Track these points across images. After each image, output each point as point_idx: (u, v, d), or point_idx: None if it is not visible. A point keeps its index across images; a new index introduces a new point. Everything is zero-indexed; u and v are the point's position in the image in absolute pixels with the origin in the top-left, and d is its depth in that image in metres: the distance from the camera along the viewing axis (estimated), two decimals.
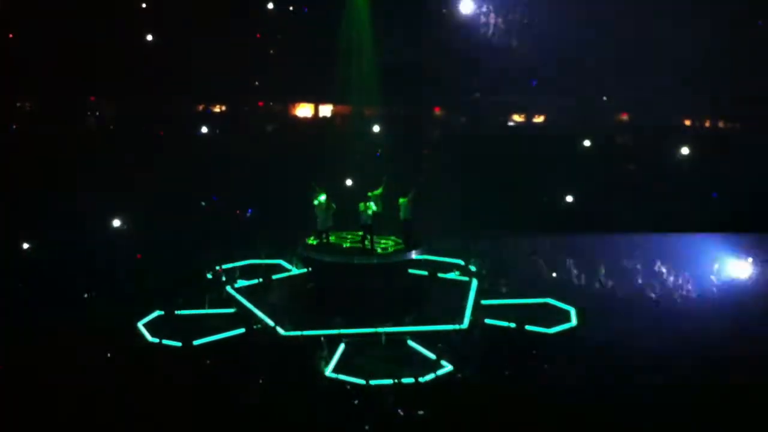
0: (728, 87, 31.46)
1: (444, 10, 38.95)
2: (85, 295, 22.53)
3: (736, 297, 23.44)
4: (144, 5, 37.34)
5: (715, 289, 24.17)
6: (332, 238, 23.91)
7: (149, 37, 36.78)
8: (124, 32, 34.99)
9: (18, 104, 35.02)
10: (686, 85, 30.94)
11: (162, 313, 21.86)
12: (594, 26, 33.80)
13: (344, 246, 23.74)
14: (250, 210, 29.55)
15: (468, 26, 36.89)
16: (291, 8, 39.38)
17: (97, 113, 35.51)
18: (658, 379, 17.93)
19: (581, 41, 33.63)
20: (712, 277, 24.79)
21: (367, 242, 23.00)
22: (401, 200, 23.23)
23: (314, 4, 38.72)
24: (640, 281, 24.79)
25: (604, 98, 34.67)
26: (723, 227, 27.20)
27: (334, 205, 23.37)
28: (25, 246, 25.63)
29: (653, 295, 23.69)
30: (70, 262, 24.70)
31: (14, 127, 33.44)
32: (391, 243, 23.92)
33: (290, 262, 26.00)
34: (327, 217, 23.25)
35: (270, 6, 38.94)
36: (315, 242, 23.52)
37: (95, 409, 16.36)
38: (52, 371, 17.65)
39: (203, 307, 22.55)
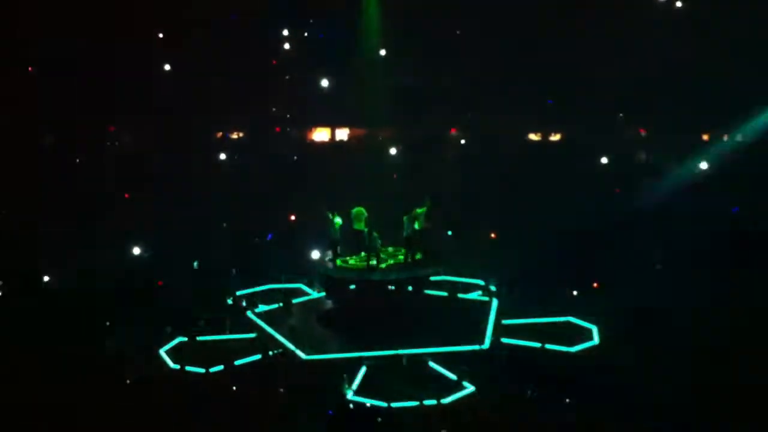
0: None
1: (458, 32, 39.29)
2: (107, 323, 22.59)
3: None
4: (161, 35, 37.94)
5: None
6: (352, 260, 23.95)
7: (167, 67, 37.30)
8: (143, 61, 35.50)
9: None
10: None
11: (184, 339, 21.94)
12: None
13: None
14: (270, 235, 29.62)
15: (482, 45, 37.12)
16: (306, 34, 39.90)
17: (116, 143, 35.87)
18: None
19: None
20: None
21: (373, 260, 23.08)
22: (419, 210, 23.28)
23: (329, 28, 39.15)
24: None
25: (620, 115, 34.60)
26: None
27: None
28: (46, 278, 25.72)
29: None
30: (92, 291, 24.77)
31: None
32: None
33: (311, 286, 26.04)
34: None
35: (285, 32, 39.43)
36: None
37: None
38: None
39: (224, 333, 22.62)
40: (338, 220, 23.52)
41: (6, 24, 32.05)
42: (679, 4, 34.00)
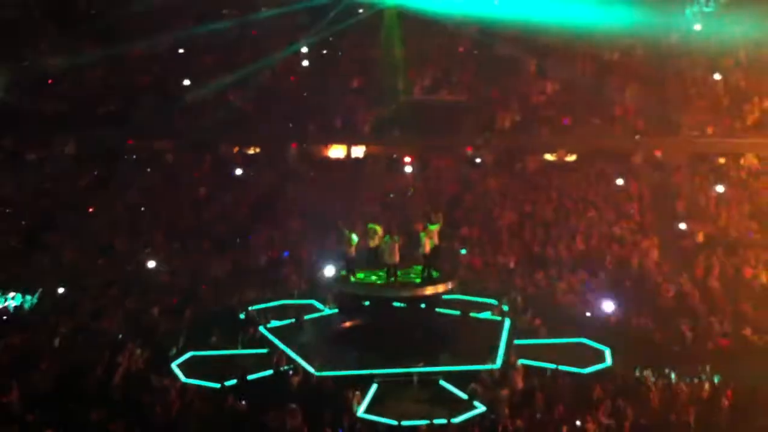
0: None
1: (475, 51, 39.57)
2: (120, 336, 22.69)
3: None
4: (181, 51, 38.47)
5: None
6: (366, 277, 23.94)
7: (186, 82, 37.77)
8: (161, 77, 35.98)
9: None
10: None
11: (195, 353, 22.03)
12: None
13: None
14: (286, 253, 29.71)
15: (498, 64, 37.38)
16: (324, 52, 40.33)
17: (134, 156, 36.24)
18: None
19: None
20: None
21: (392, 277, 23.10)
22: (431, 227, 23.25)
23: (347, 45, 39.56)
24: None
25: (637, 137, 34.60)
26: None
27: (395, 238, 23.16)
28: (60, 290, 25.89)
29: None
30: (105, 304, 24.91)
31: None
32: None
33: (324, 302, 26.07)
34: (391, 252, 23.01)
35: (304, 50, 39.88)
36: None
37: None
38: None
39: (236, 347, 22.69)
40: (354, 237, 23.54)
41: None
42: None
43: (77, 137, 35.49)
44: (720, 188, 31.41)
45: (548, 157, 35.84)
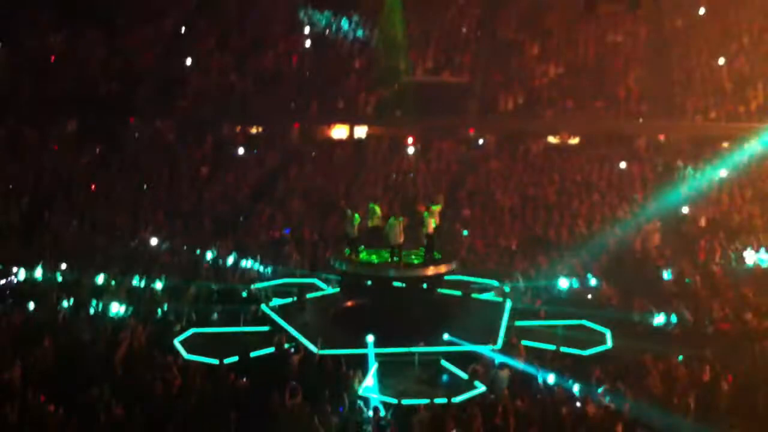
0: None
1: (478, 33, 39.42)
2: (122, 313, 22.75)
3: None
4: (183, 29, 38.32)
5: None
6: (368, 257, 23.93)
7: (188, 61, 37.66)
8: (164, 56, 35.88)
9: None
10: None
11: (198, 330, 22.09)
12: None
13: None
14: (287, 230, 29.72)
15: (504, 48, 37.24)
16: (326, 32, 40.19)
17: (137, 134, 36.21)
18: None
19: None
20: None
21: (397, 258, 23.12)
22: (434, 207, 23.26)
23: (350, 26, 39.42)
24: None
25: (640, 120, 34.56)
26: None
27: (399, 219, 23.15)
28: (63, 266, 25.90)
29: None
30: (107, 280, 24.96)
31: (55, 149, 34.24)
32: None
33: (325, 281, 26.11)
34: (395, 233, 22.99)
35: (307, 30, 39.73)
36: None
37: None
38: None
39: (238, 325, 22.75)
40: (357, 216, 23.55)
41: None
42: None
43: (78, 118, 35.43)
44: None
45: (551, 139, 35.80)
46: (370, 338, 20.33)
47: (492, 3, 40.10)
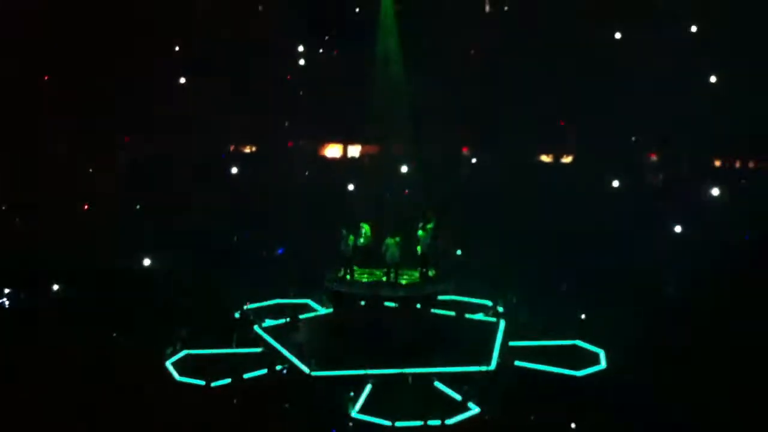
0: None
1: (472, 51, 39.40)
2: (114, 335, 22.64)
3: None
4: (177, 48, 38.22)
5: None
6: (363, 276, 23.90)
7: (182, 80, 37.55)
8: (157, 74, 35.78)
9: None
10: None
11: (190, 352, 21.98)
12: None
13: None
14: (281, 249, 29.68)
15: (498, 64, 37.20)
16: (321, 51, 40.10)
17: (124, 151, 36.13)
18: None
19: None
20: None
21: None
22: (429, 225, 23.29)
23: (344, 45, 39.35)
24: None
25: (633, 138, 34.60)
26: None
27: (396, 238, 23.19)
28: (55, 287, 25.82)
29: None
30: (101, 300, 24.84)
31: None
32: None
33: (319, 302, 26.03)
34: (392, 251, 23.06)
35: (300, 48, 39.63)
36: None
37: None
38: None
39: (230, 346, 22.64)
40: (351, 237, 23.61)
41: None
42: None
43: (71, 132, 35.28)
44: None
45: (544, 158, 35.87)
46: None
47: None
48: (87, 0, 33.80)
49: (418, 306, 23.52)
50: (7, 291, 25.55)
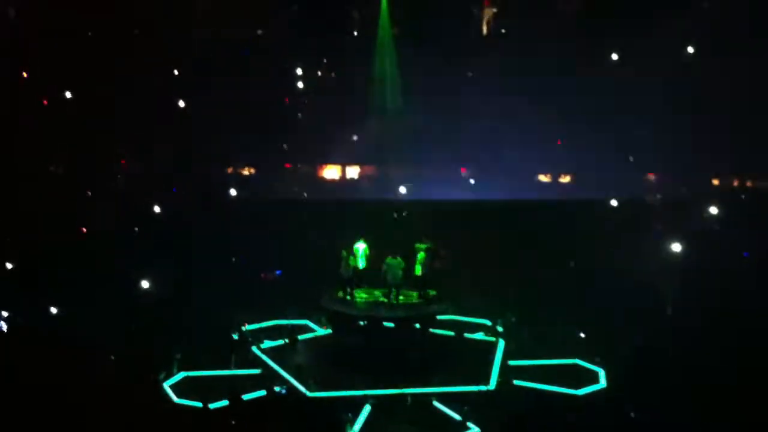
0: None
1: (469, 74, 39.60)
2: (111, 357, 22.55)
3: None
4: (176, 72, 38.41)
5: None
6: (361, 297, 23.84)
7: (181, 103, 37.73)
8: (155, 95, 35.93)
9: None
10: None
11: (187, 374, 21.88)
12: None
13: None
14: (279, 271, 29.65)
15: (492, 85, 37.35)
16: (319, 73, 40.33)
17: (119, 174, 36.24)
18: None
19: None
20: None
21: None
22: (428, 246, 23.31)
23: (340, 67, 39.56)
24: None
25: (630, 158, 34.69)
26: None
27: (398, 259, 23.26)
28: (54, 310, 25.76)
29: None
30: (102, 323, 24.75)
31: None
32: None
33: (318, 323, 25.96)
34: (393, 272, 23.10)
35: (299, 71, 39.86)
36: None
37: None
38: None
39: (229, 368, 22.55)
40: (351, 258, 23.62)
41: None
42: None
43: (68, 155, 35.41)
44: None
45: (542, 177, 35.97)
46: None
47: None
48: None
49: (417, 326, 23.46)
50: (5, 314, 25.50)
